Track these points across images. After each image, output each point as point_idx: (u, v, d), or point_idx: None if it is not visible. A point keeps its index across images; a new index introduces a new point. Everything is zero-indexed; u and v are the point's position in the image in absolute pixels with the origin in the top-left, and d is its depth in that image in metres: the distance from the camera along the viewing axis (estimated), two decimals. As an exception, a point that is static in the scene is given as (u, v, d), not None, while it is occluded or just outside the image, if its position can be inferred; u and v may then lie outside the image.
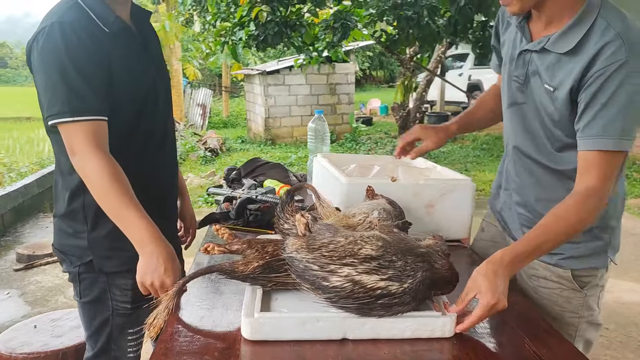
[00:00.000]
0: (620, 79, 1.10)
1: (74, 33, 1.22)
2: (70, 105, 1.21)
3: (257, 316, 1.04)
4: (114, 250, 1.35)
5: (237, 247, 1.20)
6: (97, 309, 1.41)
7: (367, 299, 1.01)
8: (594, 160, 1.15)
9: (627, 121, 1.12)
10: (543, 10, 1.21)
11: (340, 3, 6.24)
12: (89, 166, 1.22)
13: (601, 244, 1.33)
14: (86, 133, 1.22)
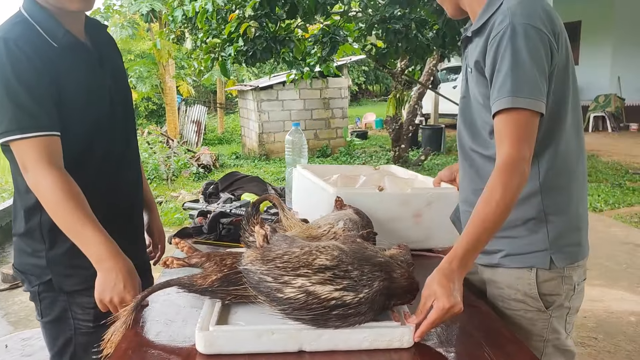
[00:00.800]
0: (505, 43, 1.14)
1: (19, 49, 1.21)
2: (18, 122, 1.20)
3: (211, 329, 1.02)
4: (73, 268, 1.33)
5: (196, 260, 1.19)
6: (59, 328, 1.39)
7: (321, 310, 1.00)
8: (500, 126, 1.15)
9: (519, 79, 1.13)
10: (466, 6, 1.31)
11: (329, 17, 6.27)
12: (42, 182, 1.20)
13: (539, 238, 1.25)
14: (37, 149, 1.20)
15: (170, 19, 7.15)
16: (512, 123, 1.14)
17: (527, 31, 1.14)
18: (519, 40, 1.13)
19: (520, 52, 1.13)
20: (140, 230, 1.63)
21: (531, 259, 1.26)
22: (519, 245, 1.27)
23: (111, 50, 1.49)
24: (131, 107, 1.55)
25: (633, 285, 3.65)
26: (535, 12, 1.17)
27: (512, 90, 1.12)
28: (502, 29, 1.15)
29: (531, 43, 1.13)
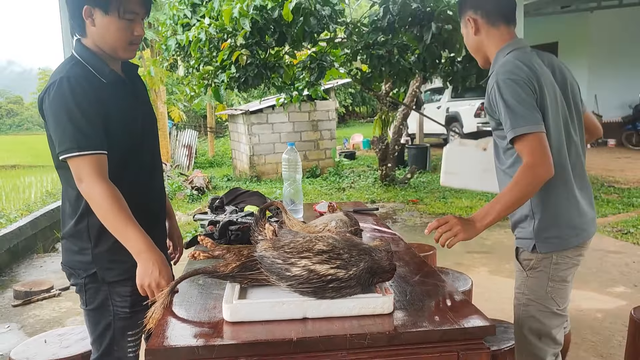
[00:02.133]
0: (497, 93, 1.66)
1: (78, 84, 1.52)
2: (78, 142, 1.49)
3: (235, 302, 1.30)
4: (114, 262, 1.62)
5: (219, 252, 1.48)
6: (100, 314, 1.66)
7: (320, 284, 1.29)
8: (518, 148, 1.64)
9: (512, 117, 1.62)
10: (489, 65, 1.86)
11: (316, 44, 6.62)
12: (94, 192, 1.49)
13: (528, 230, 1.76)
14: (91, 164, 1.49)
15: (163, 47, 7.48)
16: (526, 144, 1.61)
17: (507, 83, 1.64)
18: (503, 91, 1.64)
19: (507, 98, 1.63)
20: (165, 232, 1.92)
21: (522, 242, 1.81)
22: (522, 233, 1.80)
23: (141, 84, 1.80)
24: (156, 129, 1.86)
25: (602, 287, 3.96)
26: (513, 68, 1.67)
27: (512, 124, 1.61)
28: (492, 85, 1.68)
29: (512, 89, 1.63)
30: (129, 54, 1.63)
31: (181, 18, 7.04)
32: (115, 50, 1.60)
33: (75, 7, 1.56)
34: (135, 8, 1.57)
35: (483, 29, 1.80)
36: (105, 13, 1.54)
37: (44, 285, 4.20)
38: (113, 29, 1.56)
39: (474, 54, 1.87)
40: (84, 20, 1.56)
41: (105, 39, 1.58)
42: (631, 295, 3.77)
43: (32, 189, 10.29)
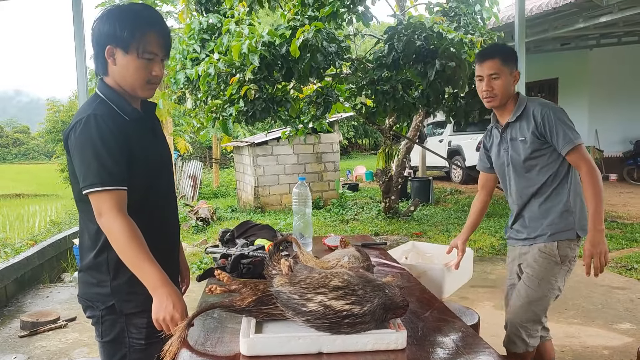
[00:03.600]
0: (552, 116, 2.23)
1: (104, 122, 1.58)
2: (101, 178, 1.54)
3: (252, 337, 1.34)
4: (131, 294, 1.65)
5: (235, 286, 1.52)
6: (116, 346, 1.69)
7: (336, 319, 1.33)
8: (574, 156, 2.20)
9: (568, 130, 2.20)
10: (502, 110, 2.42)
11: (322, 80, 6.76)
12: (113, 226, 1.53)
13: (570, 221, 2.28)
14: (111, 200, 1.54)
15: (172, 81, 7.64)
16: (579, 152, 2.19)
17: (559, 109, 2.27)
18: (559, 114, 2.23)
19: (563, 119, 2.22)
20: (178, 266, 1.96)
21: (566, 233, 2.28)
22: (558, 228, 2.29)
23: (158, 121, 1.87)
24: (172, 166, 1.92)
25: (607, 323, 3.96)
26: (549, 102, 2.34)
27: (572, 136, 2.19)
28: (544, 112, 2.24)
29: (564, 114, 2.25)
30: (148, 93, 1.70)
31: (190, 53, 7.20)
32: (134, 89, 1.67)
33: (99, 46, 1.63)
34: (154, 49, 1.63)
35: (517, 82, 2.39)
36: (125, 52, 1.60)
37: (50, 316, 4.21)
38: (132, 68, 1.62)
39: (504, 96, 2.33)
40: (106, 59, 1.63)
41: (125, 77, 1.64)
42: (637, 332, 3.76)
43: (37, 218, 10.35)
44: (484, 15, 7.59)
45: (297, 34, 5.56)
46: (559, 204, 2.29)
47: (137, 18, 1.62)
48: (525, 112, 2.31)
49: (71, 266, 6.20)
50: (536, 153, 2.28)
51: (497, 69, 2.29)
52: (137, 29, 1.59)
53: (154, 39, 1.63)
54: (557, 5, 8.46)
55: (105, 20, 1.62)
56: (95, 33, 1.63)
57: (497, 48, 2.41)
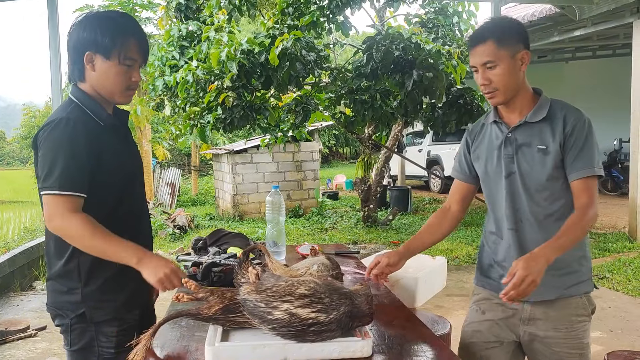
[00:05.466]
0: (585, 130, 1.71)
1: (75, 126, 1.56)
2: (60, 182, 1.51)
3: (217, 345, 1.33)
4: (103, 302, 1.63)
5: (202, 295, 1.51)
6: (85, 355, 1.66)
7: (302, 327, 1.33)
8: (584, 185, 1.69)
9: (595, 156, 1.71)
10: (512, 103, 1.79)
11: (301, 88, 6.79)
12: (70, 224, 1.50)
13: (586, 270, 1.79)
14: (65, 204, 1.51)
15: (151, 87, 7.59)
16: (592, 185, 1.71)
17: (591, 126, 1.73)
18: (591, 130, 1.72)
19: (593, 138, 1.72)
20: None
21: (584, 286, 1.78)
22: (576, 278, 1.76)
23: (129, 127, 1.86)
24: (143, 171, 1.90)
25: (579, 331, 4.01)
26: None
27: (595, 163, 1.70)
28: (580, 121, 1.71)
29: (593, 133, 1.72)
30: (126, 99, 1.70)
31: (169, 59, 7.18)
32: (113, 95, 1.66)
33: (77, 52, 1.62)
34: (134, 55, 1.64)
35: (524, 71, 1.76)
36: (106, 59, 1.60)
37: (20, 325, 4.13)
38: (112, 74, 1.62)
39: (510, 89, 1.74)
40: (84, 65, 1.62)
41: (104, 83, 1.63)
42: (607, 341, 3.82)
43: (10, 225, 10.15)
44: (462, 27, 7.72)
45: (276, 42, 5.58)
46: (579, 245, 1.72)
47: (117, 25, 1.63)
48: (551, 113, 1.74)
49: (43, 274, 6.08)
50: (557, 172, 1.73)
51: (491, 54, 1.70)
52: (118, 35, 1.60)
53: (134, 45, 1.63)
54: (533, 19, 8.63)
55: (85, 26, 1.61)
56: (74, 38, 1.62)
57: (490, 26, 1.77)
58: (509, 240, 1.81)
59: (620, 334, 3.95)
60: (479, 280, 1.95)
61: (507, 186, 1.80)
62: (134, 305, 1.72)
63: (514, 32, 1.74)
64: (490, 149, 1.85)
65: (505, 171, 1.80)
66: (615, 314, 4.39)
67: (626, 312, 4.45)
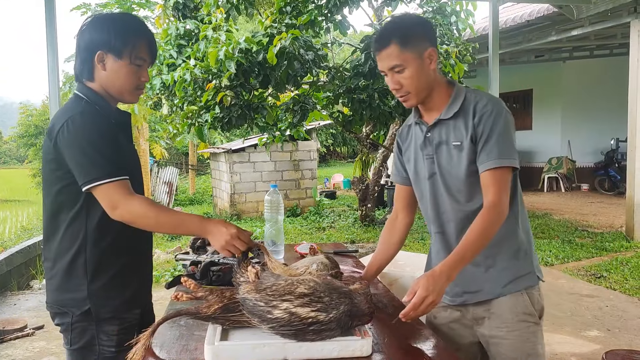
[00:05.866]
0: (492, 119, 1.60)
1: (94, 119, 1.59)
2: (108, 170, 1.54)
3: (217, 344, 1.33)
4: (108, 299, 1.64)
5: (202, 294, 1.51)
6: (85, 354, 1.65)
7: (301, 327, 1.32)
8: (490, 178, 1.58)
9: (502, 146, 1.58)
10: (428, 102, 1.72)
11: (299, 87, 6.77)
12: (135, 207, 1.54)
13: (527, 263, 1.70)
14: (122, 188, 1.55)
15: (148, 86, 7.57)
16: (498, 178, 1.58)
17: (507, 114, 1.62)
18: (502, 119, 1.60)
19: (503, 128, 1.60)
20: (151, 270, 1.93)
21: (524, 280, 1.67)
22: (514, 272, 1.67)
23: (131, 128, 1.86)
24: (141, 173, 1.90)
25: (576, 330, 4.03)
26: (502, 101, 1.68)
27: (499, 154, 1.57)
28: (487, 110, 1.61)
29: (509, 122, 1.62)
30: (134, 98, 1.73)
31: (167, 58, 7.15)
32: (122, 94, 1.69)
33: (88, 51, 1.64)
34: (144, 55, 1.68)
35: (435, 68, 1.67)
36: (117, 58, 1.63)
37: (17, 324, 4.12)
38: (123, 73, 1.65)
39: (422, 90, 1.66)
40: (94, 64, 1.64)
41: (115, 82, 1.66)
42: (605, 339, 3.83)
43: (7, 224, 10.13)
44: (460, 27, 7.70)
45: (275, 41, 5.56)
46: (511, 238, 1.68)
47: (129, 26, 1.68)
48: (464, 107, 1.66)
49: (40, 273, 6.07)
50: (474, 167, 1.64)
51: (396, 58, 1.61)
52: (129, 36, 1.65)
53: (144, 46, 1.68)
54: (531, 18, 8.64)
55: (97, 27, 1.65)
56: (85, 38, 1.65)
57: (392, 27, 1.68)
58: (437, 244, 1.79)
59: (617, 333, 3.96)
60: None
61: (430, 187, 1.75)
62: (135, 304, 1.73)
63: (418, 30, 1.66)
64: (415, 150, 1.80)
65: (427, 172, 1.75)
66: (612, 313, 4.40)
67: (623, 311, 4.46)
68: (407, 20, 1.76)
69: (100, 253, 1.62)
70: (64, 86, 9.81)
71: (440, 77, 1.72)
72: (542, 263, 6.17)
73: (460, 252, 1.50)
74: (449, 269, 1.47)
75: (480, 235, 1.52)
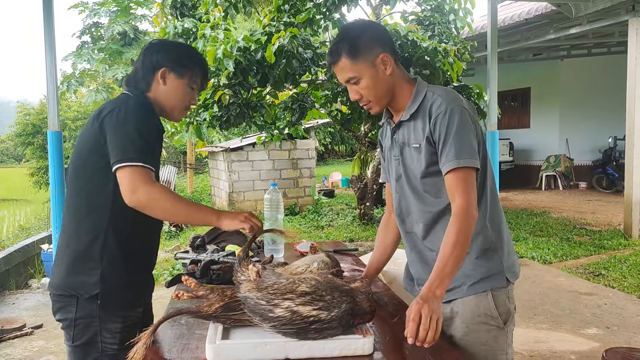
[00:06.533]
0: (447, 118, 1.53)
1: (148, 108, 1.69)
2: (143, 155, 1.58)
3: (218, 343, 1.33)
4: (120, 287, 1.66)
5: (202, 292, 1.50)
6: (87, 351, 1.65)
7: (303, 325, 1.32)
8: (453, 180, 1.52)
9: (458, 146, 1.51)
10: (393, 104, 1.69)
11: (297, 86, 6.77)
12: (156, 194, 1.57)
13: (495, 263, 1.62)
14: (147, 175, 1.58)
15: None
16: (461, 179, 1.51)
17: (461, 110, 1.55)
18: (455, 117, 1.53)
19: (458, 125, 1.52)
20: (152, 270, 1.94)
21: (491, 281, 1.60)
22: (480, 272, 1.60)
23: None
24: None
25: (575, 328, 4.03)
26: (461, 98, 1.62)
27: (457, 154, 1.50)
28: (441, 111, 1.54)
29: (463, 118, 1.54)
30: (180, 117, 1.88)
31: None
32: (174, 110, 1.82)
33: (151, 67, 1.76)
34: (199, 81, 1.84)
35: (394, 69, 1.63)
36: (179, 77, 1.78)
37: (16, 323, 4.11)
38: (181, 92, 1.80)
39: (382, 96, 1.64)
40: (155, 78, 1.76)
41: (171, 98, 1.79)
42: (604, 337, 3.84)
43: (5, 223, 10.11)
44: (458, 25, 7.71)
45: (273, 39, 5.56)
46: (477, 238, 1.60)
47: (193, 54, 1.88)
48: (422, 107, 1.60)
49: (39, 272, 6.06)
50: (433, 167, 1.60)
51: (349, 70, 1.60)
52: (193, 61, 1.83)
53: (201, 73, 1.85)
54: (529, 17, 8.64)
55: (165, 47, 1.82)
56: (153, 55, 1.78)
57: (339, 40, 1.62)
58: (407, 244, 1.77)
59: (616, 331, 3.97)
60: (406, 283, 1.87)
61: (399, 189, 1.73)
62: (139, 302, 1.75)
63: (366, 38, 1.60)
64: (386, 150, 1.81)
65: (395, 173, 1.74)
66: (611, 311, 4.41)
67: (622, 308, 4.47)
68: (354, 29, 1.69)
69: (119, 239, 1.66)
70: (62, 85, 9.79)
71: (402, 77, 1.66)
72: (540, 261, 6.17)
73: (440, 268, 1.45)
74: (436, 287, 1.42)
75: (456, 245, 1.46)
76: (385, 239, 1.93)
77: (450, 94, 1.60)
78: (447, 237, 1.49)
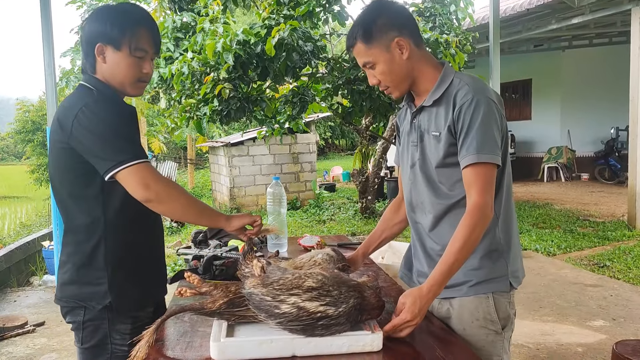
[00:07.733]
0: (472, 110, 1.47)
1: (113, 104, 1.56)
2: (134, 152, 1.49)
3: (222, 340, 1.29)
4: (130, 289, 1.61)
5: (206, 289, 1.46)
6: (97, 353, 1.61)
7: (310, 321, 1.28)
8: (471, 175, 1.45)
9: (480, 140, 1.45)
10: (415, 89, 1.63)
11: (298, 79, 6.71)
12: (168, 187, 1.52)
13: (500, 266, 1.55)
14: (151, 169, 1.52)
15: (146, 80, 7.50)
16: (480, 175, 1.44)
17: (489, 103, 1.48)
18: (481, 109, 1.46)
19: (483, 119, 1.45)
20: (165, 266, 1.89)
21: (493, 284, 1.54)
22: (484, 273, 1.54)
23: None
24: None
25: (581, 320, 4.00)
26: (487, 88, 1.54)
27: (479, 148, 1.44)
28: (467, 100, 1.47)
29: (490, 111, 1.47)
30: (137, 91, 1.66)
31: (164, 51, 7.08)
32: (124, 87, 1.62)
33: (89, 45, 1.58)
34: (145, 46, 1.61)
35: (413, 52, 1.56)
36: (116, 49, 1.57)
37: (17, 321, 4.08)
38: (123, 65, 1.59)
39: (401, 81, 1.59)
40: (95, 57, 1.58)
41: (115, 75, 1.60)
42: (610, 329, 3.80)
43: (6, 220, 10.08)
44: (459, 16, 7.65)
45: (273, 32, 5.50)
46: (485, 238, 1.52)
47: (127, 15, 1.61)
48: (447, 94, 1.54)
49: (40, 269, 6.03)
50: (451, 159, 1.53)
51: (364, 55, 1.57)
52: (127, 25, 1.58)
53: (145, 35, 1.61)
54: (531, 7, 8.57)
55: (95, 18, 1.59)
56: (86, 31, 1.60)
57: (355, 24, 1.59)
58: (414, 235, 1.72)
59: (623, 323, 3.93)
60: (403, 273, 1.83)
61: (412, 176, 1.66)
62: (149, 301, 1.70)
63: (380, 22, 1.54)
64: (403, 135, 1.73)
65: (410, 160, 1.66)
66: (617, 303, 4.37)
67: (628, 300, 4.44)
68: (369, 12, 1.60)
69: (120, 243, 1.58)
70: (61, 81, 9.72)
71: (425, 60, 1.60)
72: (544, 253, 6.14)
73: (446, 264, 1.40)
74: (437, 285, 1.40)
75: (465, 243, 1.40)
76: (394, 217, 1.87)
77: (478, 83, 1.53)
78: (457, 232, 1.43)
